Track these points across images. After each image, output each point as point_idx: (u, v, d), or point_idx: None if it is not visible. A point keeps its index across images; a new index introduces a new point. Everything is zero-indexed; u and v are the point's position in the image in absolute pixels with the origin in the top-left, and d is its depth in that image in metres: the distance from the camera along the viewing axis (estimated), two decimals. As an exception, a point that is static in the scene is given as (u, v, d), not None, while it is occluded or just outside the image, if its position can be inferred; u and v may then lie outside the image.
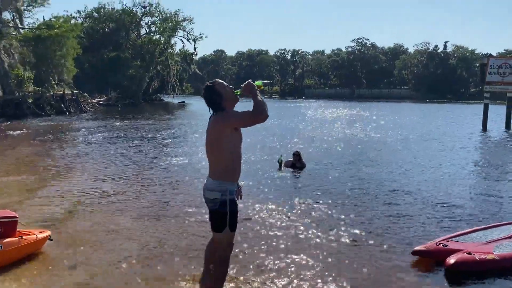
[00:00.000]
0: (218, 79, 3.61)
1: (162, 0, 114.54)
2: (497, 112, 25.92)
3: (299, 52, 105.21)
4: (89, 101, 37.29)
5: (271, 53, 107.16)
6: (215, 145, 3.43)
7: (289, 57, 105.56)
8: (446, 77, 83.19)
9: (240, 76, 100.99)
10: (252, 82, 3.51)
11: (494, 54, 50.13)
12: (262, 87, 3.51)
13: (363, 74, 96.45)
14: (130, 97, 44.70)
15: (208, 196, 3.45)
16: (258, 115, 3.31)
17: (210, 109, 3.52)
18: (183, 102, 52.59)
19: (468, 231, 5.23)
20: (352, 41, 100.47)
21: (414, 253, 4.70)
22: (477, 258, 4.39)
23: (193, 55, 58.32)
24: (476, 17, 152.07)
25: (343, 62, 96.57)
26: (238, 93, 3.51)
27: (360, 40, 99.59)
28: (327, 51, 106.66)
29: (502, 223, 5.62)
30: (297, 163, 10.04)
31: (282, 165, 10.11)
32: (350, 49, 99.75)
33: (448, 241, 4.83)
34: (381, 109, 41.61)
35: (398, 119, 28.70)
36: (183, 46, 60.34)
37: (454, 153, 13.62)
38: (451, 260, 4.35)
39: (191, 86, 62.01)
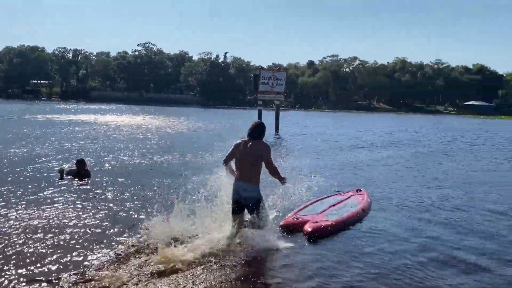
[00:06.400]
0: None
1: None
2: (269, 117, 29.66)
3: (82, 52, 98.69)
4: None
5: (49, 51, 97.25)
6: (258, 160, 5.34)
7: (70, 57, 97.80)
8: (226, 84, 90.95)
9: (10, 74, 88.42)
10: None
11: (265, 67, 57.32)
12: None
13: (150, 79, 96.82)
14: None
15: (246, 195, 5.30)
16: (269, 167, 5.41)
17: (252, 136, 5.40)
18: None
19: (303, 207, 6.74)
20: (138, 45, 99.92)
21: (282, 226, 6.00)
22: (322, 225, 5.92)
23: None
24: (248, 32, 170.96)
25: (130, 66, 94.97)
26: None
27: (146, 45, 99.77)
28: (113, 53, 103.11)
29: (320, 198, 7.42)
30: (81, 171, 9.35)
31: (64, 174, 9.27)
32: (136, 52, 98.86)
33: (297, 215, 6.30)
34: (171, 114, 42.51)
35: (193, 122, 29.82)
36: None
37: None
38: (308, 228, 5.83)
39: None
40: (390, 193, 8.96)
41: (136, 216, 6.72)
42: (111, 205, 7.27)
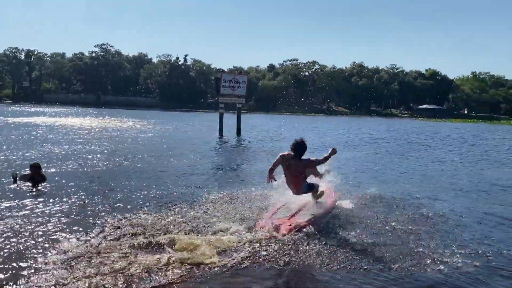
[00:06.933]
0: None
1: None
2: (231, 120, 29.64)
3: (35, 52, 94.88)
4: None
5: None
6: (304, 172, 6.70)
7: (22, 57, 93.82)
8: (187, 87, 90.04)
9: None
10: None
11: (226, 70, 57.23)
12: None
13: (108, 81, 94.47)
14: None
15: (300, 193, 6.81)
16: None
17: (297, 154, 6.50)
18: None
19: (275, 210, 6.80)
20: (95, 46, 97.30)
21: (259, 227, 6.11)
22: (297, 226, 6.09)
23: None
24: (209, 33, 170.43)
25: (87, 67, 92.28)
26: None
27: (104, 46, 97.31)
28: (68, 55, 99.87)
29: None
30: (36, 176, 8.98)
31: (18, 180, 8.87)
32: (94, 54, 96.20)
33: (272, 219, 6.35)
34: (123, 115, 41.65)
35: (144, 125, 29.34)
36: None
37: (193, 156, 14.85)
38: (284, 231, 5.93)
39: None
40: (351, 191, 9.16)
41: (92, 218, 6.59)
42: (67, 209, 7.08)
